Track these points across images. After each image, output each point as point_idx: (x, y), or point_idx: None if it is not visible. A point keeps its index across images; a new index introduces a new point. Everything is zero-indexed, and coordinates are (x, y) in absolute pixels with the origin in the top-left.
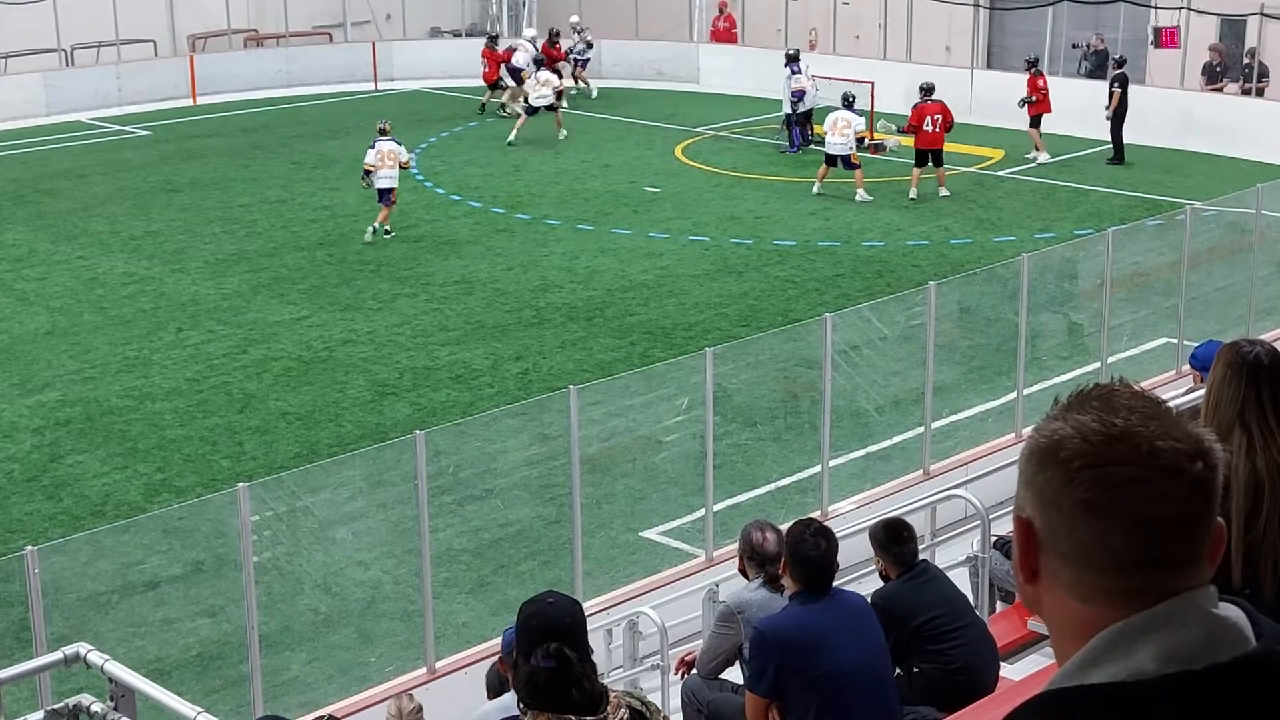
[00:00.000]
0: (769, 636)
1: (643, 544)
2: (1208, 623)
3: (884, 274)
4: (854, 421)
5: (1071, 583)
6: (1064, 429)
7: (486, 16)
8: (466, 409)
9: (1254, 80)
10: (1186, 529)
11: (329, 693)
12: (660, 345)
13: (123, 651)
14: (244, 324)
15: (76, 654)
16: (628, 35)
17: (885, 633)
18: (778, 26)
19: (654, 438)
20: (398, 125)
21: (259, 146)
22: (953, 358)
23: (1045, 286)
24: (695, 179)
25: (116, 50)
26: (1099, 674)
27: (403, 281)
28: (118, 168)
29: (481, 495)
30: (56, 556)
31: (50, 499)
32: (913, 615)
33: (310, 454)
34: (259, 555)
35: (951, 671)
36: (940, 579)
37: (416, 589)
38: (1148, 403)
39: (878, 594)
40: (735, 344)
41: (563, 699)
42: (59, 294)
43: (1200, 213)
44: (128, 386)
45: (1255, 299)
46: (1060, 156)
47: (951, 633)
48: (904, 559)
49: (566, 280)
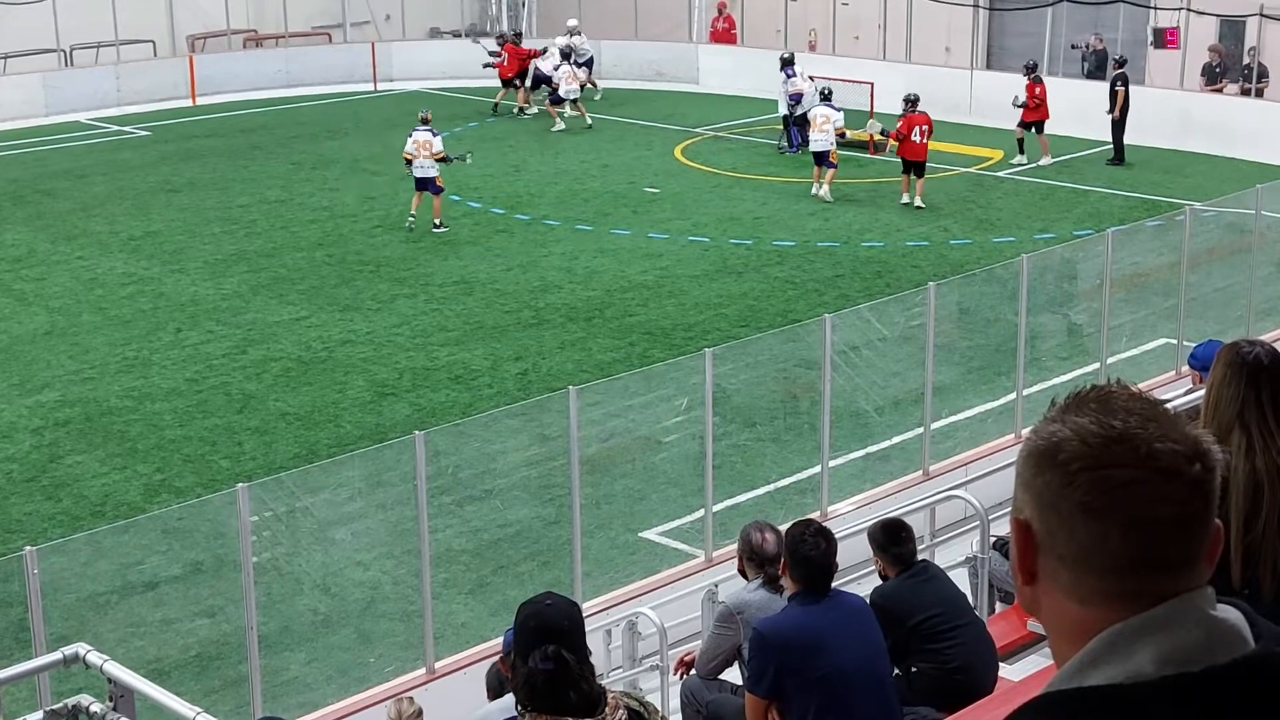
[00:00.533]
0: (768, 637)
1: (642, 544)
2: (1206, 624)
3: (883, 274)
4: (853, 422)
5: (1070, 585)
6: (1062, 431)
7: (486, 16)
8: (466, 409)
9: (1253, 81)
10: (1185, 531)
11: (328, 693)
12: (660, 346)
13: (122, 652)
14: (243, 324)
15: (76, 654)
16: (627, 36)
17: (883, 632)
18: (777, 27)
19: (653, 438)
20: (397, 126)
21: (258, 147)
22: (952, 358)
23: (1045, 287)
24: (694, 179)
25: (116, 50)
26: (1098, 676)
27: (402, 282)
28: (117, 168)
29: (481, 496)
30: (56, 557)
31: (49, 499)
32: (910, 614)
33: (309, 454)
34: (258, 556)
35: (950, 671)
36: (940, 578)
37: (416, 589)
38: (1146, 404)
39: (876, 592)
40: (735, 344)
41: (561, 701)
42: (58, 294)
43: (1200, 213)
44: (127, 387)
45: (1255, 299)
46: (1060, 157)
47: (949, 632)
48: (902, 559)
49: (566, 281)
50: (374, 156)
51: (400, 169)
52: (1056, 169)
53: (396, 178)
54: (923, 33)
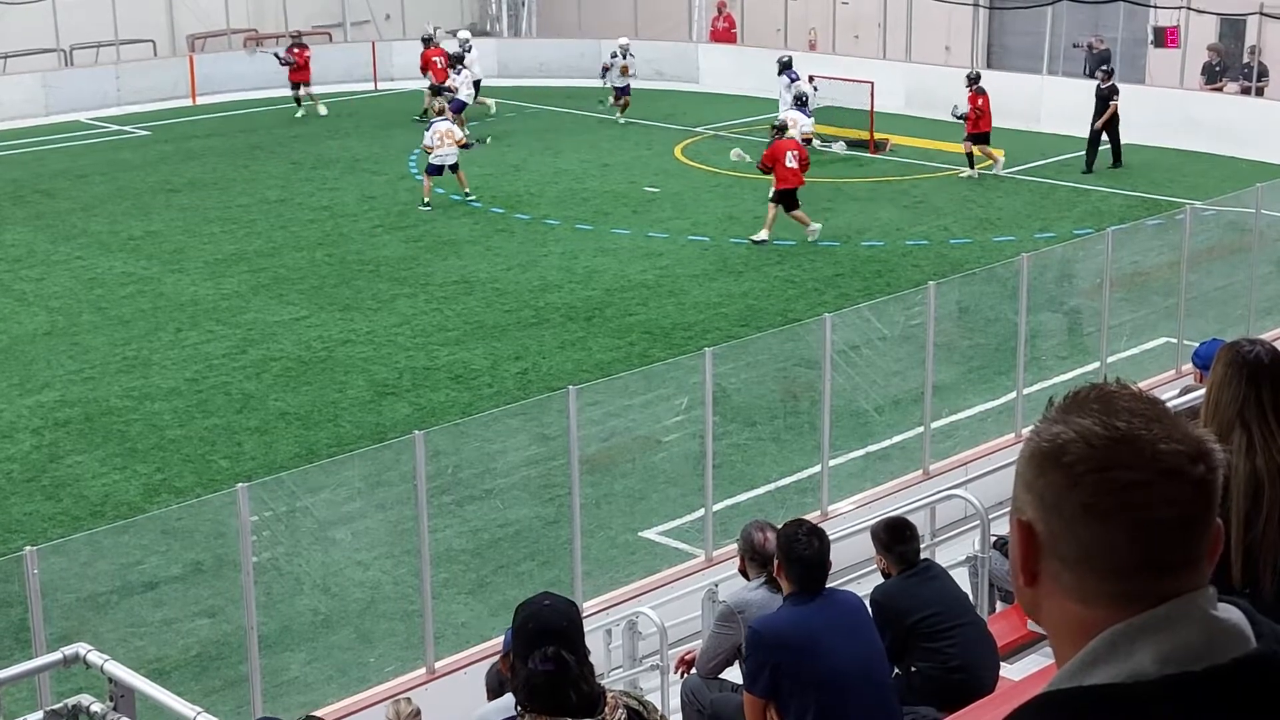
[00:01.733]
0: (764, 636)
1: (642, 544)
2: (1208, 624)
3: (883, 274)
4: (853, 421)
5: (1072, 586)
6: (1066, 432)
7: (486, 16)
8: (466, 409)
9: (1254, 80)
10: (1188, 531)
11: (328, 693)
12: (659, 345)
13: (122, 652)
14: (243, 324)
15: (76, 654)
16: (627, 35)
17: (881, 630)
18: (777, 26)
19: (653, 438)
20: (397, 125)
21: (258, 147)
22: (952, 357)
23: (1045, 286)
24: (694, 179)
25: (116, 50)
26: (1099, 675)
27: (402, 281)
28: (117, 168)
29: (481, 495)
30: (56, 557)
31: (49, 499)
32: (908, 613)
33: (309, 454)
34: (258, 555)
35: (949, 671)
36: (942, 578)
37: (416, 589)
38: (1148, 404)
39: (876, 590)
40: (734, 344)
41: (560, 701)
42: (58, 294)
43: (1200, 212)
44: (127, 387)
45: (1255, 298)
46: (1060, 156)
47: (948, 631)
48: (906, 558)
49: (566, 280)
50: (374, 156)
51: (399, 168)
52: (1056, 168)
53: (396, 177)
54: (923, 32)
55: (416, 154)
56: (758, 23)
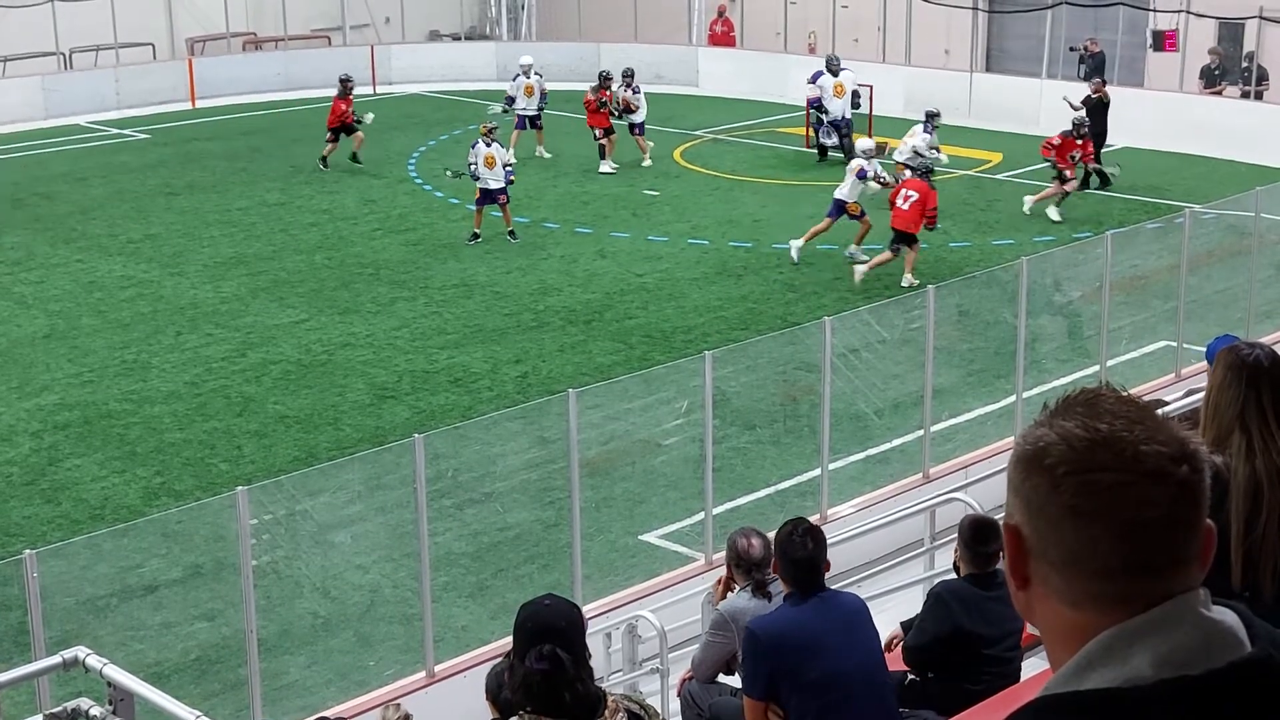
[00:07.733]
0: (761, 638)
1: (642, 547)
2: (1203, 627)
3: (883, 277)
4: (853, 425)
5: (1062, 589)
6: (1049, 435)
7: (485, 19)
8: (465, 412)
9: (1253, 83)
10: (1174, 533)
11: (328, 696)
12: (659, 348)
13: (121, 655)
14: (242, 327)
15: (75, 658)
16: (626, 38)
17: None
18: (776, 30)
19: (653, 441)
20: (396, 127)
21: (257, 150)
22: (952, 361)
23: (1044, 290)
24: (694, 182)
25: (115, 53)
26: (1095, 679)
27: (401, 285)
28: (116, 171)
29: (480, 499)
30: (55, 560)
31: (49, 502)
32: (983, 639)
33: (309, 457)
34: (258, 559)
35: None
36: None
37: (415, 593)
38: (1133, 407)
39: (946, 590)
40: (734, 347)
41: (556, 702)
42: (57, 297)
43: (1199, 216)
44: (126, 390)
45: (1255, 302)
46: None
47: (1010, 659)
48: (978, 560)
49: (565, 283)
50: (373, 159)
51: (399, 172)
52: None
53: (395, 180)
54: (922, 35)
55: (416, 158)
56: (757, 26)
